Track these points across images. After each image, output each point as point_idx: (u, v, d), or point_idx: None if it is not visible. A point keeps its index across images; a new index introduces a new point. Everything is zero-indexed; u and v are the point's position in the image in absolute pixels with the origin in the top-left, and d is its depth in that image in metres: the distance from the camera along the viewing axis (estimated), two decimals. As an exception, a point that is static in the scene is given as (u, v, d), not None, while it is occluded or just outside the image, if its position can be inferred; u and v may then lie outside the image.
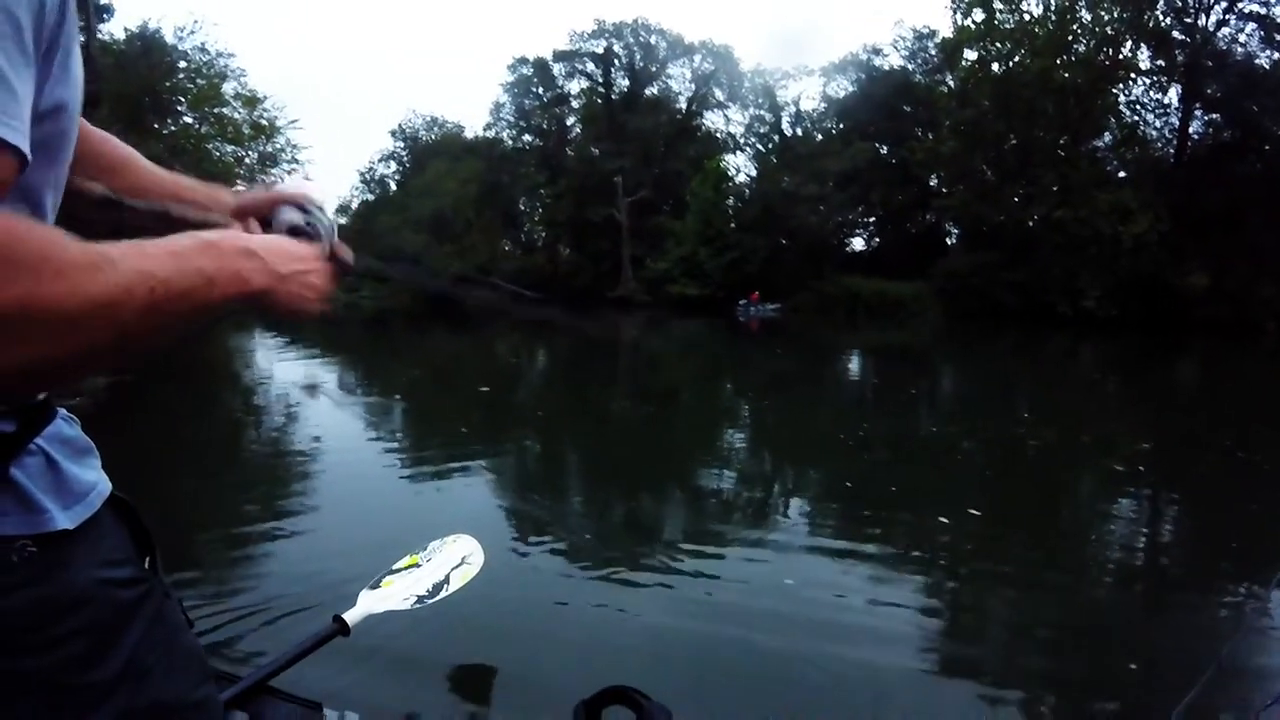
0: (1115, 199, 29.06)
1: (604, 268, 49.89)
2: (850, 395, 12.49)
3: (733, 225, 43.00)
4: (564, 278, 51.79)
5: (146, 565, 0.97)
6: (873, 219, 47.62)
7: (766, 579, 4.05)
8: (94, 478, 0.93)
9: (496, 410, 10.18)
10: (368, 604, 2.61)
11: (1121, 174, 32.60)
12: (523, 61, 58.27)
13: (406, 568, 2.88)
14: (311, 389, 10.39)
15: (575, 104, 58.42)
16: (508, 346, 22.69)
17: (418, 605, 2.70)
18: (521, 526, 5.14)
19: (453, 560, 2.95)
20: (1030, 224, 32.27)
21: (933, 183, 41.15)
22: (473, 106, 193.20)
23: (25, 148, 0.63)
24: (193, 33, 33.18)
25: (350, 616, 2.50)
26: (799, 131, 50.58)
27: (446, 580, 2.84)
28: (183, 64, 33.15)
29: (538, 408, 11.04)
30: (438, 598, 2.78)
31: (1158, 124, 34.10)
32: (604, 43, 55.74)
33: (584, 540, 4.85)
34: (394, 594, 2.70)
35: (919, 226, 44.74)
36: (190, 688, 0.99)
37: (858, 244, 48.32)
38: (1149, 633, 3.67)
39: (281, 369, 15.11)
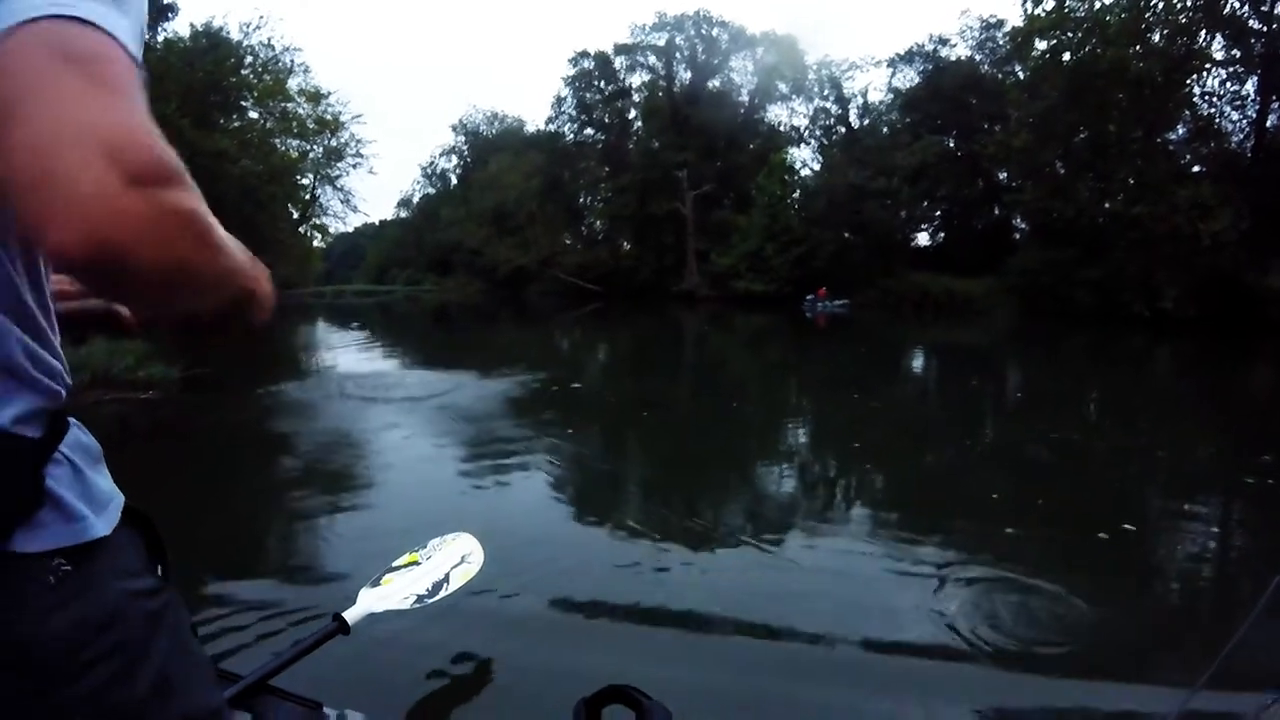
0: (1193, 194, 28.29)
1: (667, 262, 49.95)
2: (951, 398, 12.19)
3: (798, 220, 42.61)
4: (626, 272, 51.94)
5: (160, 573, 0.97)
6: (938, 214, 46.92)
7: (787, 585, 4.00)
8: (111, 485, 0.92)
9: (569, 407, 10.20)
10: (368, 602, 2.64)
11: (1196, 168, 31.64)
12: (584, 55, 58.51)
13: (406, 565, 2.91)
14: (358, 384, 10.51)
15: (637, 97, 58.41)
16: (572, 342, 22.94)
17: (417, 605, 2.73)
18: (528, 524, 5.11)
19: (452, 559, 2.97)
20: (1103, 220, 31.55)
21: (1001, 177, 40.45)
22: (534, 101, 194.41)
23: None
24: (258, 28, 33.83)
25: (350, 615, 2.53)
26: (865, 123, 50.10)
27: (446, 579, 2.86)
28: (249, 59, 33.63)
29: (603, 401, 11.19)
30: (437, 597, 2.80)
31: (1235, 116, 33.14)
32: (665, 35, 55.85)
33: (590, 538, 4.88)
34: (394, 593, 2.73)
35: (986, 222, 43.95)
36: (206, 695, 1.01)
37: (922, 239, 47.65)
38: (1152, 632, 3.66)
39: (346, 360, 15.33)
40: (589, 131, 59.91)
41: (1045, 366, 16.89)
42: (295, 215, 39.31)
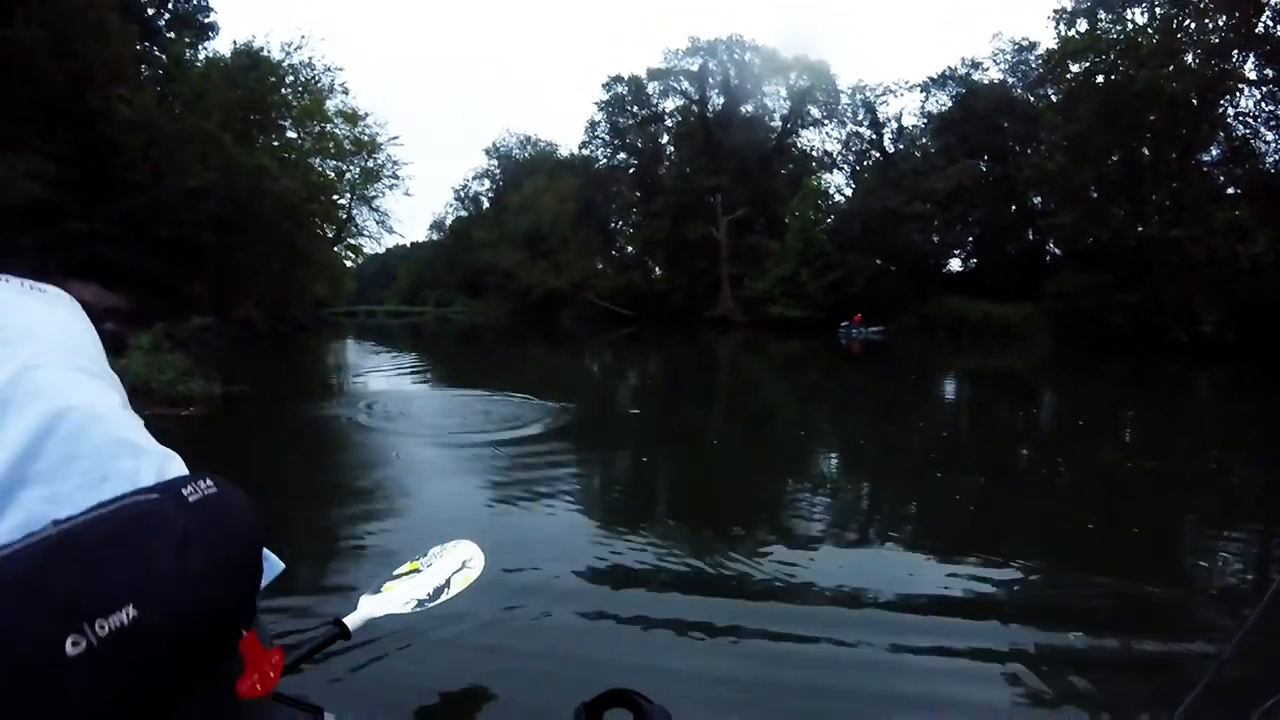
0: (1230, 216, 28.00)
1: (700, 287, 50.01)
2: (1015, 427, 11.66)
3: (832, 245, 42.35)
4: (658, 296, 52.05)
5: None
6: (971, 238, 46.48)
7: (802, 598, 3.94)
8: None
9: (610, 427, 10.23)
10: (368, 608, 2.63)
11: (1230, 190, 31.24)
12: (617, 80, 59.06)
13: (408, 573, 2.90)
14: (368, 409, 10.50)
15: (670, 122, 58.68)
16: (602, 366, 22.87)
17: (418, 609, 2.72)
18: (527, 528, 5.14)
19: (453, 565, 2.96)
20: (1135, 244, 31.17)
21: (1036, 200, 40.18)
22: (567, 125, 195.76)
23: None
24: (299, 47, 34.21)
25: (350, 620, 2.50)
26: (899, 148, 49.94)
27: (447, 584, 2.85)
28: (289, 79, 34.04)
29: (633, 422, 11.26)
30: (438, 601, 2.79)
31: (1270, 136, 32.63)
32: (699, 60, 55.97)
33: (596, 546, 4.79)
34: (395, 598, 2.72)
35: (1019, 246, 43.59)
36: None
37: (954, 264, 47.14)
38: (1153, 629, 3.61)
39: (381, 381, 15.41)
40: (622, 156, 60.43)
41: (1097, 393, 16.40)
42: (330, 235, 39.66)
